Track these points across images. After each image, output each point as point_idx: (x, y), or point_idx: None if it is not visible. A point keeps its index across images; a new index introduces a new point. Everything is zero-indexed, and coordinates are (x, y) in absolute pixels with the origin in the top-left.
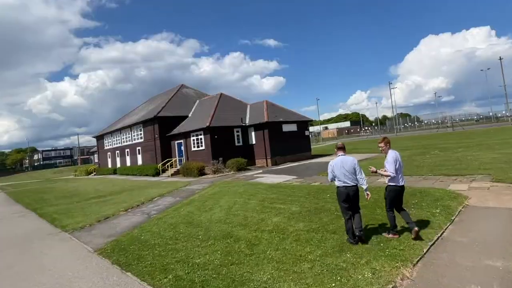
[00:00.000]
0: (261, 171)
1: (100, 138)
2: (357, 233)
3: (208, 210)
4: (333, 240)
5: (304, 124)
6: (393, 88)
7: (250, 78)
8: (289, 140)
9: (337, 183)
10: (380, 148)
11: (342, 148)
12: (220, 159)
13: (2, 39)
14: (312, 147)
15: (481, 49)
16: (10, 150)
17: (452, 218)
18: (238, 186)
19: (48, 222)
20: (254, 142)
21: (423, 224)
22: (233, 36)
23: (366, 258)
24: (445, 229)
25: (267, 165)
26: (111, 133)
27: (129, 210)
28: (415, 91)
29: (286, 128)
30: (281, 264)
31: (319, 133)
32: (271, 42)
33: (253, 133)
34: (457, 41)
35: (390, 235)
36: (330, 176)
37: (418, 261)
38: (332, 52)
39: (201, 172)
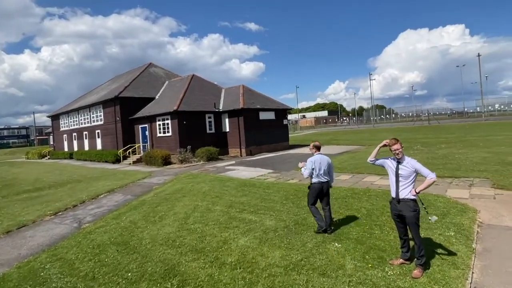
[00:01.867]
0: (233, 162)
1: (55, 118)
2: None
3: (158, 221)
4: None
5: (283, 112)
6: (372, 79)
7: (229, 62)
8: (266, 129)
9: (313, 179)
10: (397, 151)
11: (319, 148)
12: (189, 147)
13: None
14: (289, 135)
15: (455, 46)
16: None
17: (474, 247)
18: (204, 182)
19: None
20: (228, 130)
21: (445, 261)
22: (212, 16)
23: None
24: (473, 268)
25: (241, 155)
26: (68, 113)
27: (59, 213)
28: (392, 84)
29: (263, 115)
30: None
31: (296, 122)
32: (252, 26)
33: (227, 120)
34: (433, 37)
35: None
36: (308, 172)
37: None
38: (313, 41)
39: (166, 161)
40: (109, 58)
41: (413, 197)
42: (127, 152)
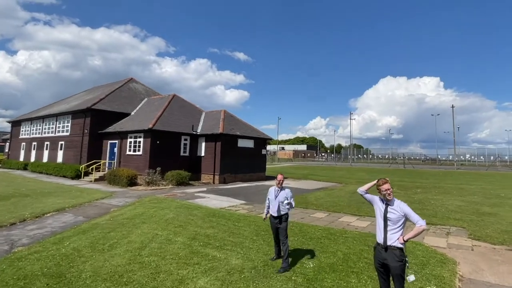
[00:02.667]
0: (205, 189)
1: (16, 124)
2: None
3: (107, 249)
4: None
5: (262, 141)
6: (353, 119)
7: (213, 87)
8: (243, 157)
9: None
10: (388, 192)
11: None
12: (158, 169)
13: None
14: (266, 166)
15: (430, 97)
16: None
17: None
18: (169, 209)
19: None
20: (203, 154)
21: None
22: (203, 42)
23: None
24: None
25: (213, 182)
26: (31, 120)
27: None
28: (370, 125)
29: (242, 143)
30: None
31: (275, 153)
32: (241, 55)
33: (203, 144)
34: (411, 85)
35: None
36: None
37: None
38: (299, 77)
39: (132, 182)
40: (90, 69)
41: (400, 246)
42: (90, 168)
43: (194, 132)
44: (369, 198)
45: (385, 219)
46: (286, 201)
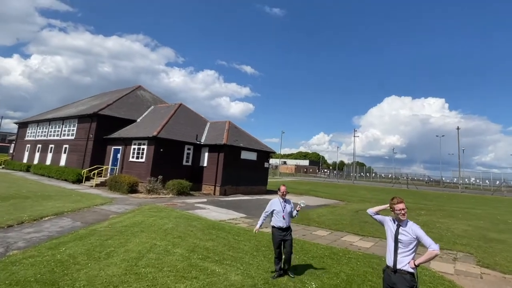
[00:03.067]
0: (205, 200)
1: (23, 126)
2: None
3: (103, 258)
4: None
5: (265, 154)
6: (356, 136)
7: (219, 98)
8: (245, 169)
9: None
10: (402, 212)
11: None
12: (160, 177)
13: None
14: (268, 180)
15: (434, 117)
16: None
17: None
18: (169, 219)
19: None
20: (205, 165)
21: None
22: (211, 54)
23: None
24: None
25: (214, 193)
26: (38, 122)
27: None
28: (373, 143)
29: (245, 155)
30: None
31: (277, 167)
32: (248, 68)
33: (206, 154)
34: (415, 105)
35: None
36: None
37: None
38: (304, 92)
39: (133, 189)
40: (99, 76)
41: (411, 270)
42: (92, 173)
43: (197, 142)
44: (379, 219)
45: (396, 241)
46: (294, 212)
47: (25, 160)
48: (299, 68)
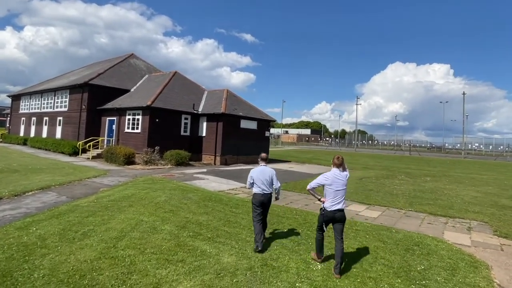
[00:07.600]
0: (205, 170)
1: (16, 98)
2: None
3: (78, 239)
4: None
5: (266, 123)
6: (358, 104)
7: (219, 68)
8: (245, 138)
9: (255, 189)
10: None
11: (265, 159)
12: (157, 148)
13: None
14: (270, 149)
15: (439, 84)
16: None
17: None
18: (163, 191)
19: None
20: (204, 134)
21: None
22: (209, 22)
23: None
24: None
25: (214, 163)
26: (30, 94)
27: None
28: (375, 111)
29: (244, 124)
30: None
31: (279, 136)
32: (248, 37)
33: (204, 124)
34: (420, 72)
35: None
36: (249, 183)
37: None
38: (306, 60)
39: (129, 160)
40: (97, 47)
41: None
42: (88, 145)
43: (195, 111)
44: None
45: None
46: (274, 177)
47: (21, 134)
48: (301, 33)
